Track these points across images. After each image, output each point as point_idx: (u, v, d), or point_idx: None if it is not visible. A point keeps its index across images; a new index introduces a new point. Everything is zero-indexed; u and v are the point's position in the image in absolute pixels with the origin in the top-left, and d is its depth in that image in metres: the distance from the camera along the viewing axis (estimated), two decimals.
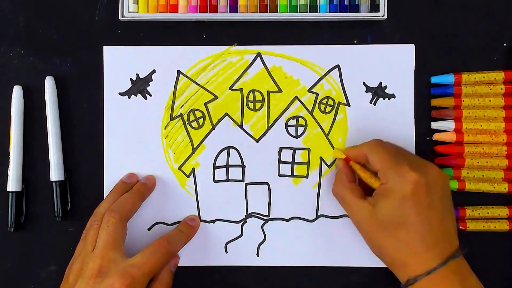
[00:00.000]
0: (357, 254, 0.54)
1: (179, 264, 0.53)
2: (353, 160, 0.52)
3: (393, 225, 0.46)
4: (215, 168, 0.55)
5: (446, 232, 0.47)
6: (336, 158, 0.54)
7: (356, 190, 0.50)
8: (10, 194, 0.54)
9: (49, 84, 0.54)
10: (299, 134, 0.55)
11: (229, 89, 0.55)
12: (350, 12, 0.54)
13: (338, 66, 0.55)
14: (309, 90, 0.55)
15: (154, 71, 0.55)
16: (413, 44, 0.55)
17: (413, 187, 0.46)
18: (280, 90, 0.55)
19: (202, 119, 0.55)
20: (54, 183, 0.54)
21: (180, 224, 0.54)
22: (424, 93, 0.55)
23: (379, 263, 0.54)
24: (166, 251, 0.49)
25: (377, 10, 0.54)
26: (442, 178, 0.48)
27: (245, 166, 0.55)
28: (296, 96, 0.55)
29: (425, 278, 0.45)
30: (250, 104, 0.55)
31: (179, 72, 0.55)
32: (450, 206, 0.48)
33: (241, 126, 0.55)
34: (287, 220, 0.55)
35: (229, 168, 0.55)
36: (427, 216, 0.46)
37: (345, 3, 0.54)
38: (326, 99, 0.55)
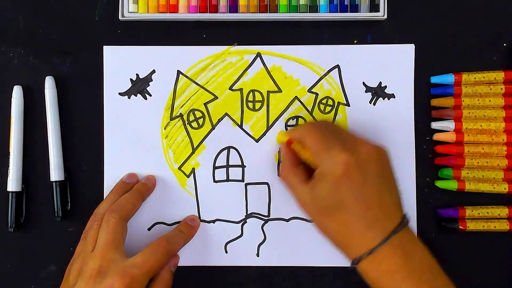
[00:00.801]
0: None
1: (179, 264, 0.53)
2: (295, 141, 0.51)
3: (330, 208, 0.46)
4: (215, 168, 0.55)
5: (385, 208, 0.46)
6: (280, 144, 0.53)
7: (299, 174, 0.49)
8: (10, 194, 0.54)
9: (49, 84, 0.54)
10: None
11: (229, 89, 0.55)
12: (350, 12, 0.54)
13: (338, 66, 0.55)
14: (309, 90, 0.55)
15: (154, 71, 0.55)
16: (413, 44, 0.55)
17: (344, 167, 0.45)
18: (280, 90, 0.55)
19: (202, 119, 0.55)
20: (54, 183, 0.54)
21: (180, 224, 0.54)
22: (424, 93, 0.55)
23: None
24: (166, 251, 0.49)
25: (377, 10, 0.54)
26: (376, 153, 0.47)
27: (245, 166, 0.55)
28: (296, 96, 0.55)
29: (369, 257, 0.45)
30: (250, 104, 0.55)
31: (179, 72, 0.55)
32: (388, 181, 0.47)
33: (241, 126, 0.55)
34: (287, 220, 0.55)
35: (229, 168, 0.55)
36: (363, 195, 0.45)
37: (345, 3, 0.54)
38: (326, 99, 0.55)
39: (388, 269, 0.44)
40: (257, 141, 0.55)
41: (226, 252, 0.55)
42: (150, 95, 0.55)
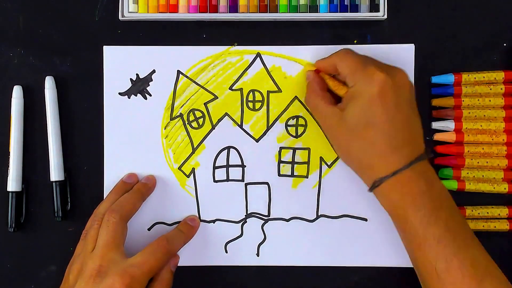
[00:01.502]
0: (357, 254, 0.54)
1: (179, 264, 0.53)
2: (324, 71, 0.52)
3: (360, 126, 0.46)
4: (215, 168, 0.55)
5: (412, 135, 0.47)
6: (307, 71, 0.54)
7: (327, 98, 0.50)
8: (10, 194, 0.54)
9: (49, 84, 0.54)
10: (299, 134, 0.55)
11: (229, 89, 0.55)
12: (350, 12, 0.54)
13: None
14: None
15: (154, 71, 0.55)
16: (413, 44, 0.55)
17: (380, 87, 0.46)
18: (279, 90, 0.55)
19: (202, 119, 0.55)
20: (54, 183, 0.54)
21: (180, 224, 0.54)
22: (424, 93, 0.55)
23: (379, 263, 0.54)
24: (166, 250, 0.49)
25: (377, 10, 0.54)
26: (409, 82, 0.49)
27: (245, 166, 0.55)
28: (296, 96, 0.55)
29: (391, 179, 0.46)
30: (250, 104, 0.55)
31: (179, 72, 0.55)
32: (416, 111, 0.49)
33: (241, 126, 0.55)
34: (287, 220, 0.55)
35: (229, 168, 0.55)
36: (394, 117, 0.46)
37: (345, 3, 0.54)
38: None
39: (411, 192, 0.45)
40: (257, 141, 0.55)
41: (226, 252, 0.55)
42: (150, 95, 0.55)
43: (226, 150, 0.55)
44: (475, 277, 0.43)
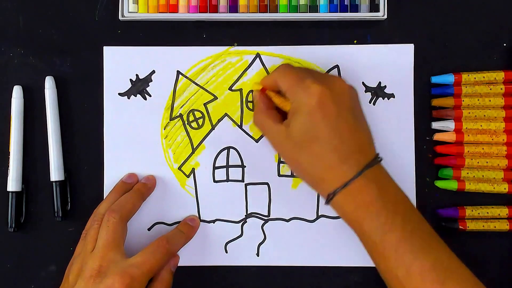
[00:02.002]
0: (357, 254, 0.54)
1: (179, 264, 0.53)
2: (269, 88, 0.52)
3: (306, 140, 0.46)
4: (215, 168, 0.55)
5: (359, 143, 0.46)
6: (254, 91, 0.54)
7: (273, 116, 0.50)
8: (10, 194, 0.54)
9: (49, 84, 0.54)
10: None
11: (229, 89, 0.55)
12: (350, 12, 0.54)
13: (337, 66, 0.55)
14: None
15: (153, 72, 0.55)
16: (412, 44, 0.55)
17: (318, 99, 0.46)
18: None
19: (201, 119, 0.55)
20: (54, 183, 0.54)
21: (180, 224, 0.54)
22: (424, 93, 0.55)
23: None
24: (166, 250, 0.49)
25: (377, 10, 0.54)
26: (349, 89, 0.48)
27: (245, 166, 0.55)
28: None
29: (343, 191, 0.45)
30: (250, 105, 0.55)
31: (178, 72, 0.55)
32: (361, 118, 0.48)
33: (240, 127, 0.55)
34: (287, 220, 0.55)
35: (229, 168, 0.55)
36: (337, 127, 0.46)
37: (345, 3, 0.54)
38: None
39: (364, 201, 0.45)
40: (257, 141, 0.55)
41: (226, 252, 0.55)
42: (150, 95, 0.55)
43: (226, 150, 0.55)
44: (437, 280, 0.43)
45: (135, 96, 0.55)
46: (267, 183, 0.55)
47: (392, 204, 0.45)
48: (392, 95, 0.55)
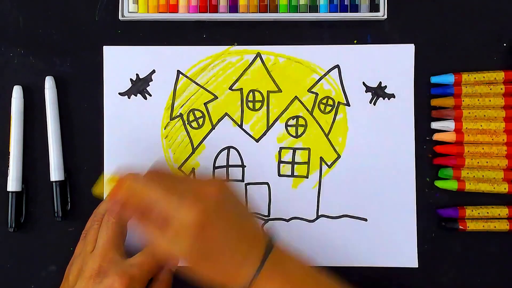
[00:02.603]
0: (357, 254, 0.54)
1: (179, 264, 0.53)
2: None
3: (198, 260, 0.44)
4: (215, 168, 0.55)
5: (248, 238, 0.44)
6: None
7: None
8: (10, 194, 0.54)
9: (49, 84, 0.54)
10: (299, 134, 0.55)
11: (229, 89, 0.55)
12: (350, 12, 0.54)
13: (338, 66, 0.55)
14: (309, 90, 0.55)
15: (154, 71, 0.55)
16: (413, 44, 0.55)
17: (195, 218, 0.42)
18: (279, 90, 0.55)
19: (202, 119, 0.55)
20: (54, 183, 0.54)
21: None
22: (424, 93, 0.55)
23: (379, 263, 0.54)
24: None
25: (377, 10, 0.54)
26: (217, 190, 0.44)
27: (245, 166, 0.55)
28: (296, 96, 0.55)
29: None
30: (250, 104, 0.55)
31: (179, 72, 0.55)
32: (238, 212, 0.46)
33: (241, 126, 0.55)
34: (287, 220, 0.55)
35: (229, 168, 0.55)
36: (222, 239, 0.43)
37: (345, 3, 0.54)
38: (326, 99, 0.55)
39: None
40: (257, 141, 0.55)
41: None
42: (150, 95, 0.55)
43: (226, 150, 0.55)
44: None
45: (135, 95, 0.55)
46: (267, 183, 0.55)
47: (300, 284, 0.45)
48: (392, 95, 0.55)
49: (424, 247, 0.54)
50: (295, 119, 0.55)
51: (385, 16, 0.54)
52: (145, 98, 0.55)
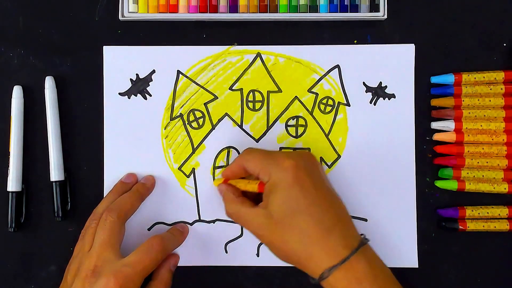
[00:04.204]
0: None
1: (179, 264, 0.53)
2: (233, 178, 0.51)
3: (287, 217, 0.45)
4: (215, 168, 0.55)
5: (338, 212, 0.46)
6: (218, 185, 0.52)
7: (246, 201, 0.49)
8: (10, 194, 0.54)
9: (49, 84, 0.54)
10: (299, 134, 0.55)
11: (229, 89, 0.55)
12: (350, 12, 0.54)
13: (338, 66, 0.55)
14: (309, 90, 0.55)
15: (154, 71, 0.55)
16: (413, 44, 0.55)
17: (293, 172, 0.46)
18: (280, 90, 0.55)
19: (202, 119, 0.55)
20: (54, 183, 0.54)
21: (170, 228, 0.54)
22: (424, 93, 0.55)
23: None
24: (160, 248, 0.49)
25: (377, 10, 0.54)
26: (317, 161, 0.49)
27: None
28: (296, 96, 0.55)
29: (338, 268, 0.44)
30: (250, 104, 0.55)
31: (179, 72, 0.55)
32: (331, 188, 0.48)
33: (241, 126, 0.55)
34: None
35: None
36: (316, 199, 0.45)
37: (345, 3, 0.54)
38: (326, 99, 0.55)
39: (356, 277, 0.44)
40: (257, 141, 0.55)
41: (226, 252, 0.55)
42: (150, 95, 0.55)
43: (226, 150, 0.55)
44: None
45: (135, 96, 0.55)
46: None
47: (381, 279, 0.45)
48: (392, 95, 0.55)
49: (424, 247, 0.54)
50: (295, 119, 0.55)
51: (385, 16, 0.54)
52: (145, 98, 0.55)
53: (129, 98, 0.55)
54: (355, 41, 0.55)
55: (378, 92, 0.55)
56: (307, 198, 0.45)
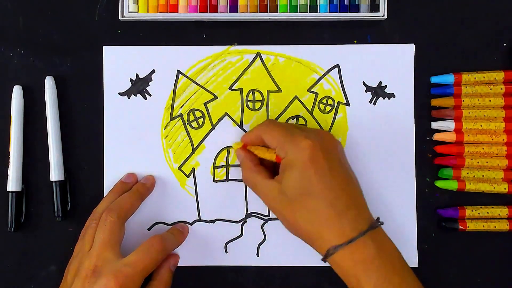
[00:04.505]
0: None
1: (179, 264, 0.53)
2: (251, 145, 0.52)
3: (300, 196, 0.46)
4: (215, 168, 0.55)
5: (353, 196, 0.47)
6: (236, 150, 0.53)
7: (263, 172, 0.50)
8: (10, 194, 0.54)
9: (49, 84, 0.54)
10: None
11: (229, 89, 0.55)
12: (350, 12, 0.54)
13: (337, 66, 0.55)
14: (309, 90, 0.55)
15: (153, 71, 0.55)
16: (413, 44, 0.55)
17: (310, 153, 0.46)
18: (279, 90, 0.55)
19: (202, 119, 0.55)
20: (54, 183, 0.54)
21: (171, 228, 0.54)
22: (424, 93, 0.55)
23: None
24: (160, 248, 0.49)
25: (377, 10, 0.54)
26: (337, 142, 0.49)
27: None
28: (295, 96, 0.55)
29: (344, 247, 0.44)
30: (250, 104, 0.55)
31: (178, 72, 0.55)
32: (350, 170, 0.48)
33: (241, 126, 0.55)
34: None
35: (229, 168, 0.55)
36: (331, 181, 0.46)
37: (345, 3, 0.54)
38: (325, 99, 0.55)
39: (363, 259, 0.44)
40: None
41: (226, 252, 0.55)
42: (150, 95, 0.55)
43: (226, 150, 0.55)
44: None
45: (135, 95, 0.55)
46: None
47: (390, 263, 0.45)
48: (392, 95, 0.55)
49: (424, 247, 0.54)
50: (295, 119, 0.55)
51: (385, 16, 0.54)
52: (145, 98, 0.55)
53: (129, 98, 0.55)
54: (355, 41, 0.55)
55: (378, 92, 0.55)
56: (321, 180, 0.45)
